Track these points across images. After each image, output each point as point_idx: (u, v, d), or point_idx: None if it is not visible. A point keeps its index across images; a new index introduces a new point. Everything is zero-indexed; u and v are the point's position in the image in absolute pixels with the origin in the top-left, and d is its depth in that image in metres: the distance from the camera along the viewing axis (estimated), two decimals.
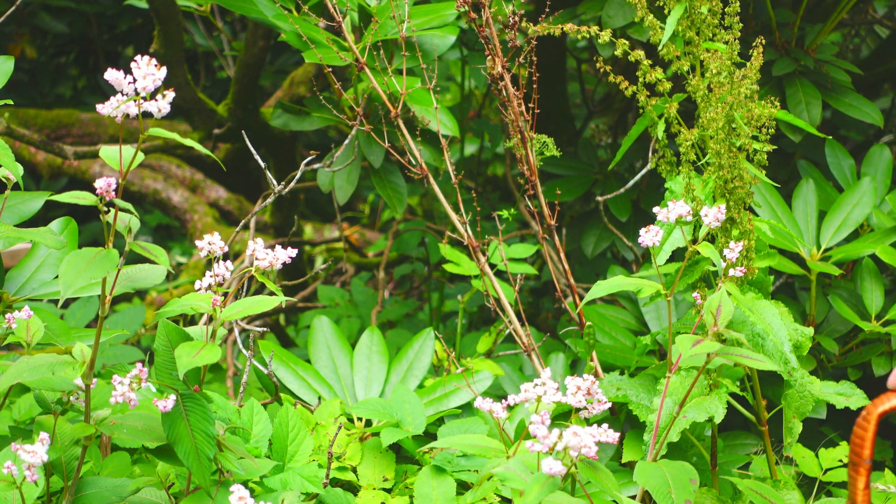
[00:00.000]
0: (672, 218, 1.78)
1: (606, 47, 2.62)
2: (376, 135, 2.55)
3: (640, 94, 2.06)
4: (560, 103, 3.68)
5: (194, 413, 1.62)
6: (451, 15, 2.61)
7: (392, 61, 2.61)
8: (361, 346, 2.52)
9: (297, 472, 2.04)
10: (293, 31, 2.53)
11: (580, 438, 1.47)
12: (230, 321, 2.34)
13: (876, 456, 2.71)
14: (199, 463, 1.62)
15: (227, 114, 3.31)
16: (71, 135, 4.07)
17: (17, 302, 2.13)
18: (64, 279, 1.50)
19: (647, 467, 1.76)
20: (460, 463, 2.12)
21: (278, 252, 1.62)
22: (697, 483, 1.72)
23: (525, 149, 2.27)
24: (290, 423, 2.10)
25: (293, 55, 4.57)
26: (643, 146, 3.10)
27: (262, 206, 2.56)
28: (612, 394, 2.16)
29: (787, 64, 2.74)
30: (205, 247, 1.62)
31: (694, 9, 1.99)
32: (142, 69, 1.45)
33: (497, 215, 2.50)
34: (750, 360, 1.75)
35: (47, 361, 1.60)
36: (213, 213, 3.95)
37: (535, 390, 1.61)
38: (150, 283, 1.63)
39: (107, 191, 1.51)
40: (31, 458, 1.55)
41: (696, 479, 1.73)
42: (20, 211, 2.14)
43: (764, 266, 2.12)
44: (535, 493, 1.45)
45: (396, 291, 4.10)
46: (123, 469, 2.03)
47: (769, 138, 1.93)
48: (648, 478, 1.73)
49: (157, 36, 3.12)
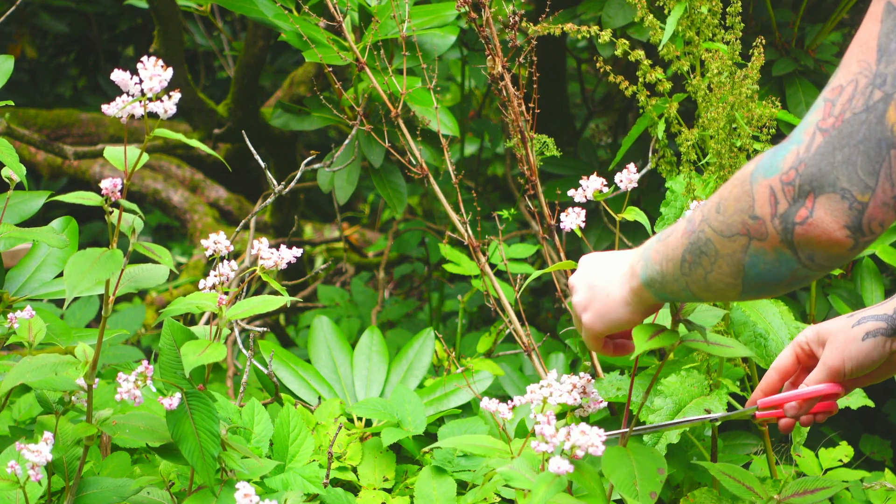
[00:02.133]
0: (589, 193, 1.80)
1: (606, 47, 2.62)
2: (376, 135, 2.56)
3: (640, 94, 2.06)
4: (560, 103, 3.69)
5: (199, 411, 1.62)
6: (452, 15, 2.62)
7: (392, 61, 2.61)
8: (361, 346, 2.52)
9: (298, 472, 2.04)
10: (293, 31, 2.53)
11: (588, 437, 1.48)
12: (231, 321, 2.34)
13: (876, 456, 2.71)
14: (204, 461, 1.62)
15: (228, 114, 3.31)
16: (71, 135, 4.07)
17: (17, 302, 2.13)
18: (69, 280, 1.50)
19: (614, 454, 1.63)
20: (460, 463, 2.12)
21: (283, 252, 1.63)
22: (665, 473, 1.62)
23: (525, 149, 2.28)
24: (292, 424, 2.10)
25: (293, 55, 4.57)
26: (643, 146, 3.11)
27: (263, 205, 2.57)
28: (612, 393, 2.17)
29: (787, 64, 2.75)
30: (210, 246, 1.62)
31: (694, 9, 1.99)
32: (148, 70, 1.45)
33: (497, 215, 2.51)
34: (716, 348, 1.67)
35: (50, 362, 1.61)
36: (213, 213, 3.95)
37: (541, 392, 1.62)
38: (154, 283, 1.64)
39: (112, 191, 1.51)
40: (36, 457, 1.55)
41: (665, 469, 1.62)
42: (21, 210, 2.14)
43: None
44: (542, 493, 1.44)
45: (396, 291, 4.10)
46: (124, 469, 2.04)
47: (769, 138, 1.93)
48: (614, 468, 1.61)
49: (158, 36, 3.12)
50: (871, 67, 1.28)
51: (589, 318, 1.62)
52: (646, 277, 1.54)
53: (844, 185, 1.28)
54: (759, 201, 1.34)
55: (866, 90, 1.27)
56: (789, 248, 1.34)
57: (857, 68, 1.29)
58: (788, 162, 1.32)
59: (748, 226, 1.36)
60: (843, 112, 1.28)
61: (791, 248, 1.34)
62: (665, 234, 1.53)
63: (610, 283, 1.60)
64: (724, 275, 1.42)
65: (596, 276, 1.62)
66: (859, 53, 1.29)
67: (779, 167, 1.33)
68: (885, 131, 1.26)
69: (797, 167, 1.31)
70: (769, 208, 1.33)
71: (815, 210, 1.30)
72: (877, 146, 1.26)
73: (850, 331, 1.65)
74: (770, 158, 1.35)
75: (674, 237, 1.49)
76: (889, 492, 2.21)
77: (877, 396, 2.29)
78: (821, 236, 1.30)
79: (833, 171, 1.28)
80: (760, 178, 1.35)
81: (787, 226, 1.32)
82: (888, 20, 1.27)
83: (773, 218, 1.33)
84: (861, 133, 1.27)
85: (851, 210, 1.28)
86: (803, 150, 1.31)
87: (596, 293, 1.61)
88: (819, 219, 1.30)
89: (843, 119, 1.28)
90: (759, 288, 1.41)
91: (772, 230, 1.34)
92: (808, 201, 1.30)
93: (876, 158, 1.27)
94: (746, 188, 1.36)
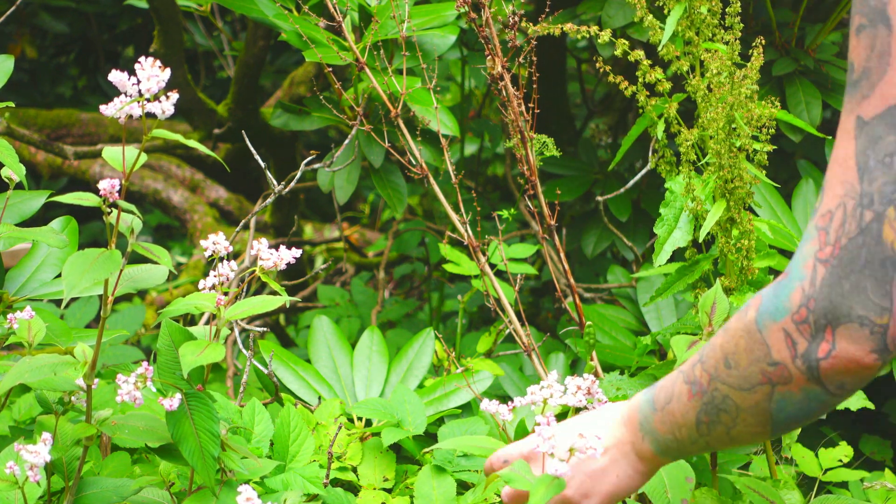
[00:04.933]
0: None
1: (606, 47, 2.62)
2: (376, 135, 2.56)
3: (640, 94, 2.06)
4: (560, 103, 3.69)
5: (199, 412, 1.62)
6: (452, 15, 2.62)
7: (392, 61, 2.61)
8: (361, 345, 2.52)
9: (299, 472, 2.04)
10: (293, 31, 2.53)
11: (585, 441, 1.48)
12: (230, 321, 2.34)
13: (876, 456, 2.71)
14: (204, 461, 1.62)
15: (227, 114, 3.31)
16: (71, 135, 4.07)
17: (17, 302, 2.13)
18: (67, 280, 1.50)
19: None
20: (460, 463, 2.12)
21: (282, 252, 1.62)
22: (694, 481, 1.70)
23: (525, 149, 2.27)
24: (292, 424, 2.10)
25: (293, 55, 4.58)
26: (643, 146, 3.11)
27: (263, 205, 2.56)
28: (612, 394, 2.17)
29: (787, 64, 2.74)
30: (209, 246, 1.62)
31: (694, 9, 1.99)
32: (146, 70, 1.45)
33: (497, 215, 2.51)
34: None
35: (49, 362, 1.60)
36: (213, 213, 3.95)
37: (541, 393, 1.62)
38: (152, 283, 1.63)
39: (110, 192, 1.51)
40: (34, 458, 1.55)
41: (693, 477, 1.71)
42: (20, 210, 2.14)
43: (764, 266, 2.12)
44: (540, 494, 1.45)
45: (396, 291, 4.10)
46: (124, 469, 2.04)
47: (769, 138, 1.93)
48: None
49: (158, 36, 3.12)
50: (855, 188, 1.25)
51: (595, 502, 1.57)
52: (660, 449, 1.52)
53: (861, 312, 1.25)
54: (776, 347, 1.32)
55: (856, 212, 1.25)
56: (817, 384, 1.32)
57: (842, 190, 1.26)
58: (796, 301, 1.30)
59: (768, 373, 1.34)
60: (838, 239, 1.26)
61: (819, 384, 1.32)
62: (660, 399, 1.50)
63: (612, 463, 1.56)
64: (750, 426, 1.40)
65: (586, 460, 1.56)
66: (841, 174, 1.26)
67: (787, 308, 1.31)
68: (886, 251, 1.24)
69: (807, 304, 1.29)
70: (788, 351, 1.32)
71: (838, 342, 1.28)
72: (881, 267, 1.24)
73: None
74: (773, 301, 1.33)
75: (678, 403, 1.47)
76: (889, 492, 2.21)
77: (877, 397, 2.29)
78: (849, 365, 1.28)
79: (845, 301, 1.26)
80: (769, 323, 1.33)
81: (812, 363, 1.30)
82: (861, 137, 1.24)
83: (795, 359, 1.31)
84: (863, 258, 1.24)
85: (874, 335, 1.26)
86: (808, 286, 1.28)
87: (598, 479, 1.57)
88: (843, 349, 1.28)
89: (840, 246, 1.26)
90: (789, 426, 1.40)
91: (795, 372, 1.32)
92: (827, 335, 1.28)
93: (884, 279, 1.24)
94: (756, 337, 1.34)
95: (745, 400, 1.38)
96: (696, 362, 1.46)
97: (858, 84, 1.25)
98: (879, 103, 1.23)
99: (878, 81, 1.23)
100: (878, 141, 1.23)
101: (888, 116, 1.23)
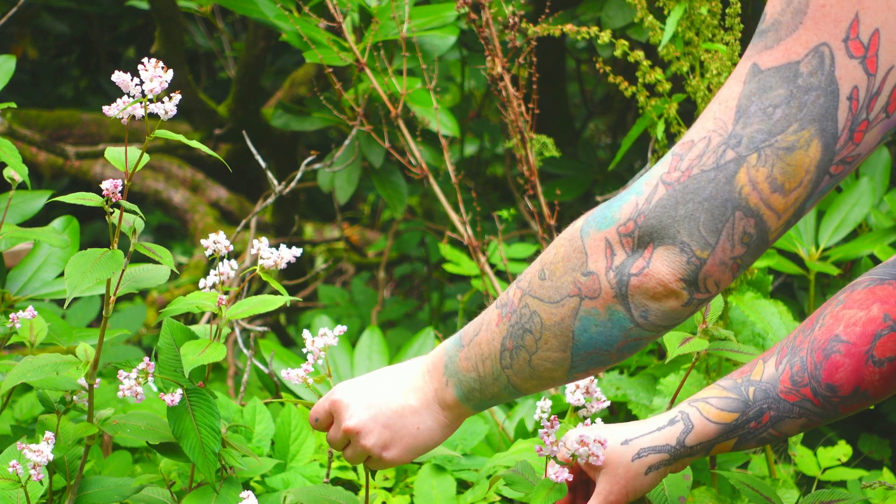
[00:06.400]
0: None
1: (606, 48, 2.63)
2: (377, 135, 2.56)
3: (640, 94, 2.07)
4: (560, 103, 3.69)
5: (200, 408, 1.63)
6: (452, 16, 2.62)
7: (392, 62, 2.62)
8: (361, 345, 2.53)
9: (299, 471, 2.05)
10: (294, 32, 2.54)
11: (587, 448, 1.49)
12: (231, 320, 2.35)
13: (874, 455, 2.72)
14: (205, 457, 1.62)
15: (228, 114, 3.32)
16: (72, 135, 4.08)
17: (19, 301, 2.13)
18: (69, 280, 1.50)
19: None
20: (460, 462, 2.13)
21: (283, 251, 1.63)
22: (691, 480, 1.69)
23: (525, 149, 2.28)
24: (293, 423, 2.11)
25: (294, 55, 4.58)
26: (643, 146, 3.11)
27: (263, 206, 2.57)
28: (611, 393, 2.18)
29: None
30: (210, 246, 1.62)
31: (693, 9, 2.00)
32: (149, 71, 1.46)
33: (497, 215, 2.51)
34: (739, 355, 1.74)
35: (51, 361, 1.61)
36: (213, 214, 3.95)
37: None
38: (154, 283, 1.64)
39: (113, 192, 1.52)
40: (37, 457, 1.56)
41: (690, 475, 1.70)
42: (22, 210, 2.15)
43: (763, 266, 2.13)
44: (540, 499, 1.46)
45: (396, 291, 4.11)
46: (125, 468, 2.04)
47: None
48: None
49: (159, 37, 3.13)
50: (726, 127, 1.23)
51: (395, 454, 1.52)
52: (463, 393, 1.46)
53: (685, 239, 1.24)
54: (594, 256, 1.30)
55: (719, 149, 1.23)
56: (622, 304, 1.29)
57: (713, 126, 1.25)
58: (626, 213, 1.28)
59: (580, 284, 1.31)
60: (690, 168, 1.25)
61: (624, 304, 1.29)
62: (468, 332, 1.45)
63: (412, 414, 1.50)
64: (552, 350, 1.35)
65: (384, 411, 1.51)
66: (717, 111, 1.25)
67: (615, 218, 1.28)
68: (733, 192, 1.22)
69: (636, 218, 1.27)
70: (604, 261, 1.29)
71: (653, 261, 1.26)
72: (722, 206, 1.23)
73: (629, 464, 1.55)
74: (603, 210, 1.30)
75: (486, 331, 1.42)
76: (888, 490, 2.22)
77: None
78: (656, 287, 1.26)
79: (674, 224, 1.24)
80: (593, 231, 1.30)
81: (623, 278, 1.27)
82: (751, 82, 1.23)
83: (609, 271, 1.28)
84: (707, 191, 1.23)
85: (689, 264, 1.24)
86: (643, 202, 1.27)
87: (397, 430, 1.51)
88: (655, 269, 1.26)
89: (689, 175, 1.24)
90: (590, 358, 1.35)
91: (605, 285, 1.29)
92: (646, 252, 1.26)
93: (720, 217, 1.23)
94: (577, 244, 1.31)
95: (552, 315, 1.33)
96: (513, 284, 1.42)
97: (765, 34, 1.24)
98: (781, 56, 1.22)
99: (785, 37, 1.21)
100: (767, 91, 1.22)
101: (785, 70, 1.21)
